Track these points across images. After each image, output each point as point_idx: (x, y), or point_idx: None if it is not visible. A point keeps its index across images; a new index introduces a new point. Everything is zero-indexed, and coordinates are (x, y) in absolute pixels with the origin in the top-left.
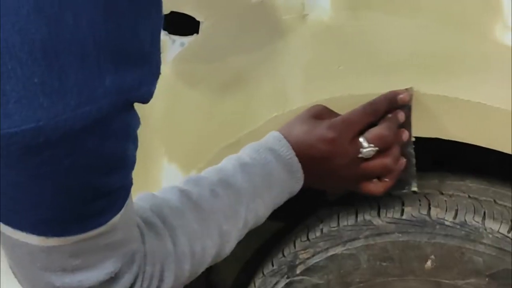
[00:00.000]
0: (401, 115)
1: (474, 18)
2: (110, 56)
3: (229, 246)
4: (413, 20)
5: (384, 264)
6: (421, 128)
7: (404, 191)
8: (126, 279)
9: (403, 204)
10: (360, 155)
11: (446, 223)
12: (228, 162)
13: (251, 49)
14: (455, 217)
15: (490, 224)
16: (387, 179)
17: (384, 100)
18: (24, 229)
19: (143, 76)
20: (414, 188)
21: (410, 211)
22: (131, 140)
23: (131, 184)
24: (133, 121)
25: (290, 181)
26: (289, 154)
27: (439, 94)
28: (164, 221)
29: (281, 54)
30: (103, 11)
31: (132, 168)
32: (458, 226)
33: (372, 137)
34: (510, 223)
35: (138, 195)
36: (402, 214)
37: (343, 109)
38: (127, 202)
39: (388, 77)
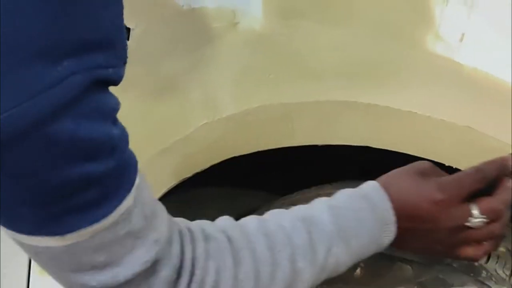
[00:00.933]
0: (510, 183)
1: (406, 28)
2: (67, 43)
3: (302, 285)
4: (345, 29)
5: None
6: (350, 136)
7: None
8: (167, 271)
9: None
10: (467, 224)
11: None
12: (317, 202)
13: (182, 57)
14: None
15: None
16: (486, 243)
17: (495, 167)
18: (33, 232)
19: (109, 58)
20: (502, 248)
21: None
22: (110, 121)
23: (131, 166)
24: (109, 102)
25: (381, 233)
26: (385, 205)
27: (370, 103)
28: (230, 239)
29: (212, 61)
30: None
31: (123, 150)
32: None
33: (486, 208)
34: None
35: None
36: None
37: (275, 116)
38: (137, 185)
39: (319, 86)
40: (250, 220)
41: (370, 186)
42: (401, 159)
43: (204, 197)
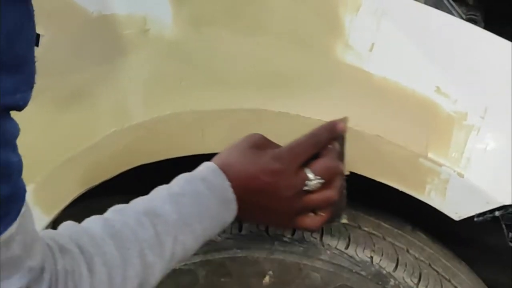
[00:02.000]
0: (337, 146)
1: (315, 37)
2: None
3: (154, 278)
4: (256, 37)
5: (222, 279)
6: None
7: (335, 223)
8: None
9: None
10: (305, 188)
11: (285, 239)
12: (157, 192)
13: (92, 63)
14: (293, 233)
15: (328, 241)
16: (322, 213)
17: (325, 131)
18: None
19: (17, 83)
20: (344, 220)
21: (248, 227)
22: (10, 148)
23: (20, 195)
24: (10, 129)
25: (223, 212)
26: (224, 184)
27: (280, 111)
28: (82, 248)
29: (122, 68)
30: None
31: (17, 178)
32: (297, 242)
33: (319, 169)
34: (347, 239)
35: (61, 224)
36: (240, 230)
37: (186, 124)
38: (22, 213)
39: (230, 94)
40: (95, 222)
41: (207, 167)
42: None
43: (113, 205)
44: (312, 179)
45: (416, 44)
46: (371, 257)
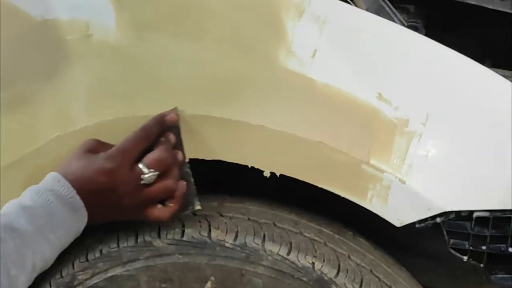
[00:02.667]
0: (172, 137)
1: (258, 43)
2: None
3: None
4: (198, 43)
5: (164, 285)
6: (203, 149)
7: (189, 211)
8: None
9: (183, 226)
10: (142, 182)
11: (227, 244)
12: (10, 206)
13: (34, 68)
14: (235, 239)
15: (270, 246)
16: (171, 204)
17: (154, 123)
18: None
19: None
20: (198, 207)
21: (190, 233)
22: None
23: None
24: None
25: (75, 219)
26: (70, 193)
27: (223, 117)
28: None
29: (65, 74)
30: None
31: None
32: (238, 248)
33: (151, 161)
34: (289, 245)
35: None
36: (182, 235)
37: (129, 129)
38: None
39: (173, 99)
40: None
41: (52, 178)
42: (254, 173)
43: None
44: (146, 172)
45: (358, 50)
46: (313, 263)
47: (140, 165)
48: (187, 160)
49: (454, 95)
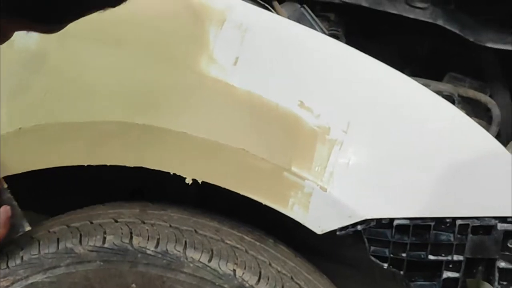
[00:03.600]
0: None
1: (180, 50)
2: None
3: None
4: (121, 50)
5: None
6: (125, 156)
7: (20, 234)
8: None
9: (105, 233)
10: None
11: (148, 252)
12: None
13: None
14: (156, 246)
15: (191, 254)
16: None
17: None
18: None
19: None
20: (28, 228)
21: (112, 240)
22: None
23: None
24: None
25: None
26: None
27: (145, 124)
28: None
29: None
30: None
31: None
32: (160, 255)
33: None
34: (210, 252)
35: None
36: (104, 242)
37: (50, 136)
38: None
39: (95, 106)
40: None
41: None
42: (176, 179)
43: None
44: None
45: (279, 58)
46: (234, 270)
47: None
48: (5, 186)
49: (375, 103)
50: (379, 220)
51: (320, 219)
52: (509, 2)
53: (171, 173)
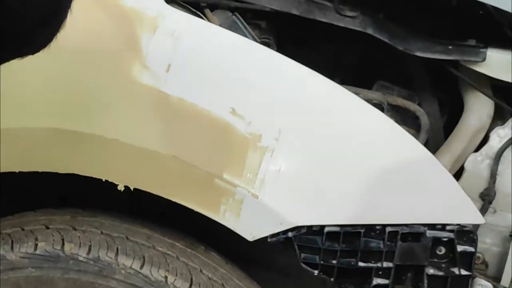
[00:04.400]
0: None
1: (111, 56)
2: None
3: None
4: (52, 56)
5: None
6: (57, 163)
7: None
8: None
9: (36, 239)
10: None
11: (80, 258)
12: None
13: None
14: (88, 253)
15: (123, 260)
16: None
17: None
18: None
19: None
20: None
21: (43, 246)
22: None
23: None
24: None
25: None
26: None
27: (77, 130)
28: None
29: None
30: None
31: None
32: (92, 262)
33: None
34: (142, 259)
35: None
36: (35, 249)
37: None
38: None
39: (27, 112)
40: None
41: None
42: (106, 186)
43: None
44: None
45: (211, 65)
46: (166, 277)
47: None
48: None
49: (305, 111)
50: (309, 227)
51: (251, 226)
52: (436, 14)
53: (103, 180)
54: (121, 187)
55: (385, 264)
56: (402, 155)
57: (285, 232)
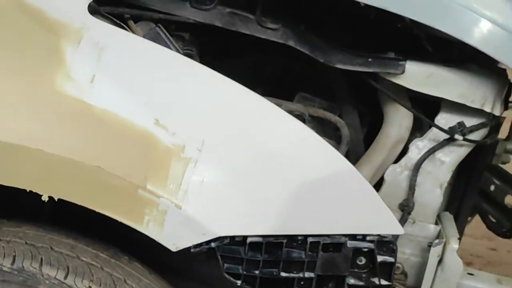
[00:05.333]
0: None
1: (35, 67)
2: None
3: None
4: None
5: None
6: None
7: None
8: None
9: None
10: None
11: (4, 268)
12: None
13: None
14: (12, 263)
15: (47, 270)
16: None
17: None
18: None
19: None
20: None
21: None
22: None
23: None
24: None
25: None
26: None
27: (0, 140)
28: None
29: None
30: None
31: None
32: (16, 272)
33: None
34: (66, 269)
35: None
36: None
37: None
38: None
39: None
40: None
41: None
42: (30, 196)
43: None
44: None
45: (135, 76)
46: (90, 287)
47: None
48: None
49: (227, 122)
50: (232, 238)
51: (174, 237)
52: (356, 26)
53: (27, 190)
54: (45, 198)
55: (307, 274)
56: (323, 166)
57: (208, 242)
